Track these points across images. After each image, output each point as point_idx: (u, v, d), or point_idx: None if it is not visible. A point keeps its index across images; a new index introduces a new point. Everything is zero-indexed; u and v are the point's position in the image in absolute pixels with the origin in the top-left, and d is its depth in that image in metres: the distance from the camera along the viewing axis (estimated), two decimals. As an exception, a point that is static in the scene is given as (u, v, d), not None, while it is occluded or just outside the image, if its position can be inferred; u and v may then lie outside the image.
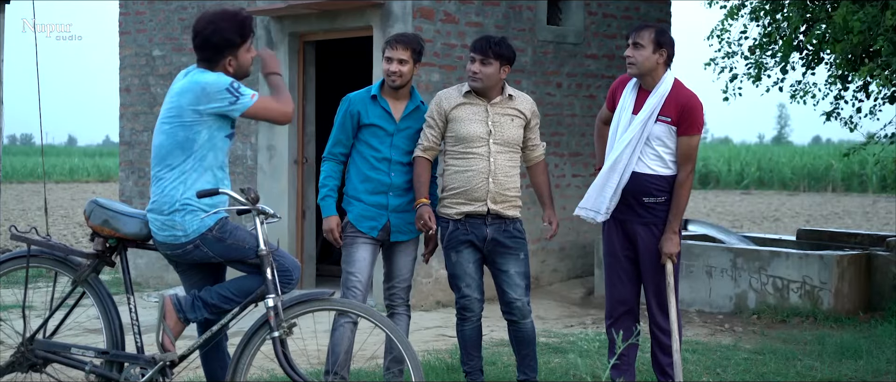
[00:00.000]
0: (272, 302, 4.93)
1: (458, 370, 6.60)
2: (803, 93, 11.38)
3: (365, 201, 5.83)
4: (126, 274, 5.32)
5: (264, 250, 4.96)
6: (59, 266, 5.38)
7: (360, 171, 5.86)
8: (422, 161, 5.86)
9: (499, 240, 5.83)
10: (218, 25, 5.02)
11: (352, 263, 5.81)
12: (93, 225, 5.20)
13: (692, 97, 5.74)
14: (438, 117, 5.85)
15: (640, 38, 5.71)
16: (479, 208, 5.80)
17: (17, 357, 5.29)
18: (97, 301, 5.32)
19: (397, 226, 5.86)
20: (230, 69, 5.06)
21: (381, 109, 5.85)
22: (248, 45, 5.10)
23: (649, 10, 11.78)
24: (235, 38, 5.03)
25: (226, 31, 5.01)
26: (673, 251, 5.73)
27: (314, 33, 10.53)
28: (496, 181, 5.79)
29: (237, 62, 5.07)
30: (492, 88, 5.83)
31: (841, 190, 33.60)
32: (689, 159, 5.74)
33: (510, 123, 5.85)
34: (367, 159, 5.83)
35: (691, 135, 5.72)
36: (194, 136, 4.96)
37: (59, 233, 17.89)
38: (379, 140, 5.83)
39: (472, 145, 5.80)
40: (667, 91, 5.70)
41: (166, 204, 4.99)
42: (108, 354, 5.24)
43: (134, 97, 12.02)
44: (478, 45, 5.83)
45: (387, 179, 5.83)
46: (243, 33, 5.05)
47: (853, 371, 6.96)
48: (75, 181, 41.23)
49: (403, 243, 5.94)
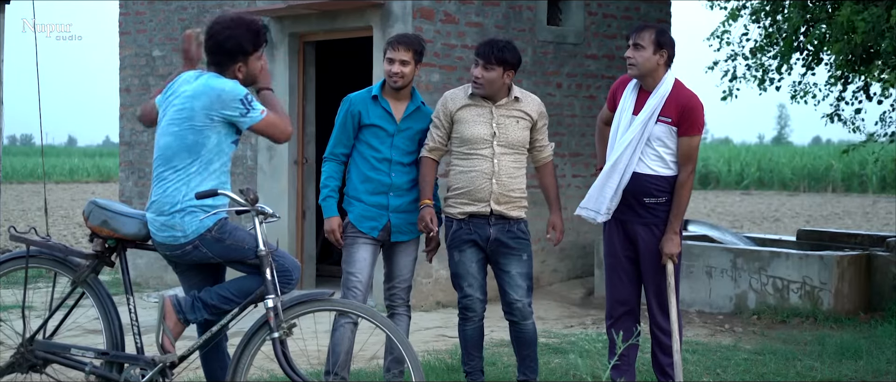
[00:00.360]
0: (272, 303, 4.92)
1: (458, 370, 6.60)
2: (804, 93, 11.39)
3: (365, 201, 5.83)
4: (125, 275, 5.32)
5: (264, 250, 4.95)
6: (59, 267, 5.37)
7: (360, 171, 5.85)
8: (427, 161, 5.88)
9: (502, 240, 5.83)
10: (233, 32, 5.03)
11: (352, 263, 5.81)
12: (92, 226, 5.19)
13: (692, 98, 5.74)
14: (444, 118, 5.86)
15: (641, 39, 5.71)
16: (482, 208, 5.80)
17: (16, 358, 5.28)
18: (97, 302, 5.32)
19: (398, 226, 5.86)
20: (239, 76, 5.07)
21: (382, 109, 5.85)
22: (260, 54, 5.12)
23: (649, 10, 11.78)
24: (248, 46, 5.05)
25: (240, 38, 5.02)
26: (674, 251, 5.73)
27: (314, 33, 10.53)
28: (500, 183, 5.79)
29: (246, 69, 5.08)
30: (497, 91, 5.83)
31: (841, 190, 33.61)
32: (690, 160, 5.73)
33: (515, 125, 5.84)
34: (368, 159, 5.83)
35: (692, 135, 5.71)
36: (204, 140, 4.96)
37: (59, 233, 17.89)
38: (379, 141, 5.83)
39: (476, 146, 5.80)
40: (667, 92, 5.70)
41: (167, 204, 4.98)
42: (108, 355, 5.24)
43: (134, 98, 12.02)
44: (482, 50, 5.81)
45: (387, 179, 5.83)
46: (257, 42, 5.08)
47: (853, 372, 6.96)
48: (75, 182, 41.24)
49: (404, 243, 5.94)
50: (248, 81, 5.12)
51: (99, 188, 36.25)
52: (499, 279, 5.92)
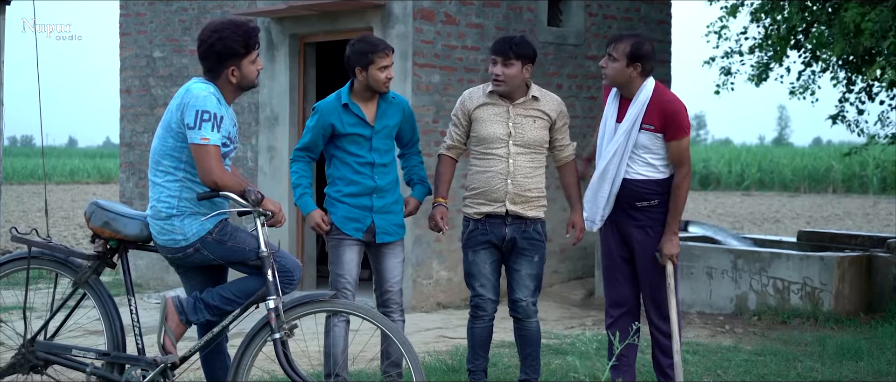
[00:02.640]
0: (273, 304, 4.93)
1: (459, 370, 6.60)
2: (803, 89, 11.39)
3: (349, 202, 5.81)
4: (127, 275, 5.32)
5: (265, 251, 4.96)
6: (60, 268, 5.37)
7: (343, 175, 5.82)
8: (445, 159, 5.92)
9: (516, 241, 5.83)
10: (222, 34, 4.98)
11: (340, 264, 5.80)
12: (93, 227, 5.19)
13: (673, 101, 5.72)
14: (462, 117, 5.87)
15: (615, 51, 5.71)
16: (498, 208, 5.80)
17: (18, 359, 5.29)
18: (98, 303, 5.32)
19: (382, 227, 5.84)
20: (233, 79, 5.02)
21: (355, 116, 5.79)
22: (254, 57, 5.05)
23: (650, 10, 11.77)
24: (239, 48, 4.99)
25: (229, 41, 4.96)
26: (673, 252, 5.73)
27: (315, 34, 10.54)
28: (515, 183, 5.79)
29: (240, 73, 5.03)
30: (515, 89, 5.82)
31: (841, 191, 33.59)
32: (683, 162, 5.73)
33: (532, 124, 5.83)
34: (350, 164, 5.80)
35: (679, 139, 5.70)
36: (183, 144, 4.96)
37: (60, 234, 17.89)
38: (358, 146, 5.79)
39: (491, 145, 5.80)
40: (647, 99, 5.70)
41: (163, 210, 4.99)
42: (110, 356, 5.24)
43: (134, 99, 12.02)
44: (498, 47, 5.79)
45: (371, 182, 5.80)
46: (248, 44, 5.01)
47: (854, 373, 6.96)
48: (76, 183, 41.24)
49: (390, 245, 5.91)
50: (245, 84, 5.07)
51: (99, 189, 36.25)
52: (508, 276, 5.95)
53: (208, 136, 4.85)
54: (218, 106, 4.93)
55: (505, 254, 5.90)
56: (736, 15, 10.78)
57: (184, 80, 11.47)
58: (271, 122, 10.67)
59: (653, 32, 11.68)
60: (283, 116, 10.57)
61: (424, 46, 9.62)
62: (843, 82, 11.03)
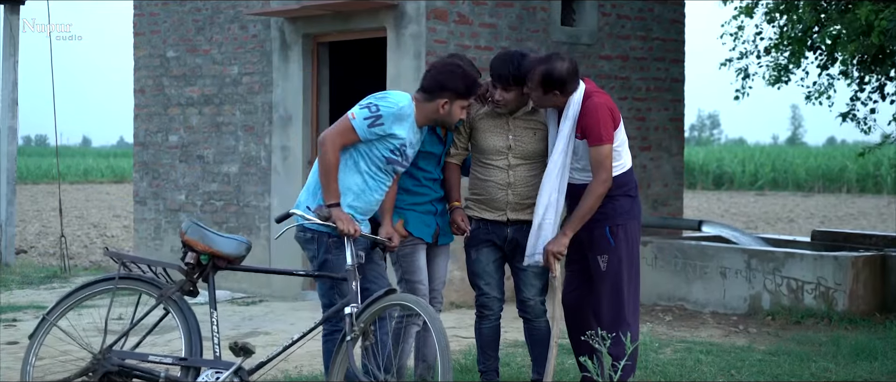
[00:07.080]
0: (349, 310, 5.16)
1: (472, 370, 6.60)
2: (819, 94, 11.36)
3: (417, 210, 5.87)
4: (212, 291, 5.43)
5: (351, 265, 5.23)
6: (146, 287, 5.47)
7: (407, 187, 5.86)
8: (451, 167, 5.96)
9: (519, 241, 5.84)
10: (455, 72, 5.47)
11: (416, 271, 5.85)
12: (189, 239, 5.29)
13: (589, 109, 5.61)
14: (464, 126, 5.88)
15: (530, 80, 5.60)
16: (499, 216, 5.84)
17: (92, 364, 5.35)
18: (180, 318, 5.39)
19: (444, 229, 5.96)
20: (442, 112, 5.47)
21: (434, 134, 5.84)
22: (465, 103, 5.49)
23: (663, 10, 11.75)
24: (460, 88, 5.44)
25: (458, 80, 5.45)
26: (555, 250, 5.66)
27: (328, 34, 10.55)
28: (516, 193, 5.81)
29: (449, 109, 5.46)
30: (519, 106, 5.84)
31: (855, 191, 33.49)
32: (601, 168, 5.60)
33: (532, 136, 5.83)
34: (418, 178, 5.85)
35: (595, 145, 5.59)
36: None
37: (74, 234, 17.97)
38: (427, 162, 5.87)
39: (491, 157, 5.81)
40: (577, 113, 5.65)
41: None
42: (186, 360, 5.33)
43: (148, 98, 12.05)
44: (499, 74, 5.71)
45: (434, 194, 5.91)
46: (468, 92, 5.48)
47: (868, 373, 6.94)
48: (89, 182, 41.41)
49: (444, 245, 6.04)
50: (448, 121, 5.53)
51: (113, 189, 36.38)
52: (514, 276, 5.96)
53: (356, 114, 5.32)
54: (393, 113, 5.33)
55: (508, 254, 5.92)
56: (752, 15, 10.74)
57: (197, 79, 11.51)
58: (285, 121, 10.69)
59: (666, 32, 11.67)
60: (297, 115, 10.58)
61: (437, 46, 9.62)
62: (856, 81, 11.00)
